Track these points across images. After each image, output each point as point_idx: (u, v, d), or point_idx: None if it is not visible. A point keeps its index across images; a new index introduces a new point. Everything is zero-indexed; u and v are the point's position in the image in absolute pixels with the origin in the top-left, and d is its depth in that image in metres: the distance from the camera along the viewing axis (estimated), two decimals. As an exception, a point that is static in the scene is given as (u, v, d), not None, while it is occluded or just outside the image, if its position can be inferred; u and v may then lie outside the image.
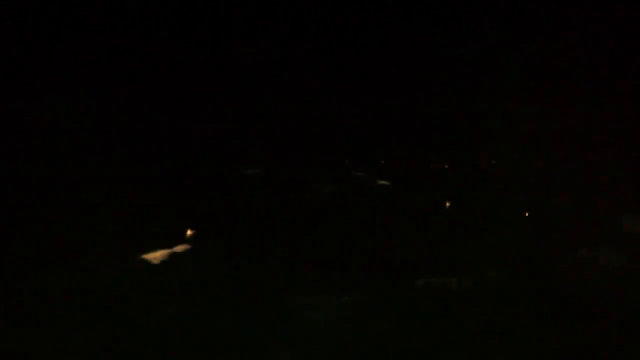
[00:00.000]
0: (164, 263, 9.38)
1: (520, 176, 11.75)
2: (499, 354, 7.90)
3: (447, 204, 11.11)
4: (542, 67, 12.63)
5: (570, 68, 12.58)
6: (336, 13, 13.30)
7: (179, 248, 9.63)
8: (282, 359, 7.50)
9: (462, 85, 12.61)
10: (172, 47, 12.66)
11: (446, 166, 12.02)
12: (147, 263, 9.38)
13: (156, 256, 9.35)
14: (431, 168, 12.16)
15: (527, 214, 10.91)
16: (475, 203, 11.20)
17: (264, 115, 12.53)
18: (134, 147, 11.80)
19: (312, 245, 9.94)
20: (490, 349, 7.93)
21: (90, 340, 7.44)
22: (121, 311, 8.12)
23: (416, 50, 12.77)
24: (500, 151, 12.04)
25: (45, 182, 10.89)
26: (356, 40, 13.25)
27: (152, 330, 7.83)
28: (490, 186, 11.63)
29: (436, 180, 11.76)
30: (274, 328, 8.03)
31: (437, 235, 10.33)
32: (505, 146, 12.06)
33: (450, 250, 9.95)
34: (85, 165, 11.28)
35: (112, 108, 12.22)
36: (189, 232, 10.11)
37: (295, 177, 11.61)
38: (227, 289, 8.89)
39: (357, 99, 12.78)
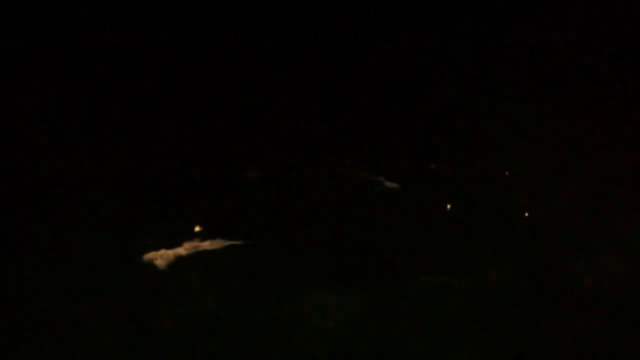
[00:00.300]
0: (169, 263, 9.23)
1: (521, 178, 11.73)
2: (499, 353, 7.90)
3: (448, 206, 11.09)
4: (545, 68, 12.61)
5: (573, 69, 12.56)
6: (336, 13, 13.30)
7: (185, 248, 9.42)
8: (286, 357, 7.49)
9: (463, 87, 12.58)
10: (172, 47, 12.64)
11: (447, 167, 11.98)
12: (153, 262, 9.27)
13: (161, 255, 9.17)
14: (432, 169, 12.12)
15: (526, 214, 10.90)
16: (477, 204, 11.17)
17: (264, 115, 12.49)
18: (138, 147, 11.72)
19: (315, 245, 9.89)
20: (490, 348, 7.93)
21: (95, 340, 7.39)
22: (127, 310, 8.03)
23: (418, 50, 12.75)
24: (501, 153, 12.02)
25: (51, 183, 10.78)
26: (356, 40, 13.24)
27: (157, 330, 7.78)
28: (491, 188, 11.61)
29: (437, 181, 11.73)
30: (277, 326, 7.98)
31: (438, 235, 10.30)
32: (506, 148, 12.04)
33: (451, 250, 9.93)
34: (89, 165, 11.19)
35: (113, 108, 12.19)
36: (197, 228, 9.95)
37: (296, 177, 11.56)
38: (231, 287, 8.81)
39: (357, 100, 12.75)
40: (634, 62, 12.71)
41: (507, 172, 11.91)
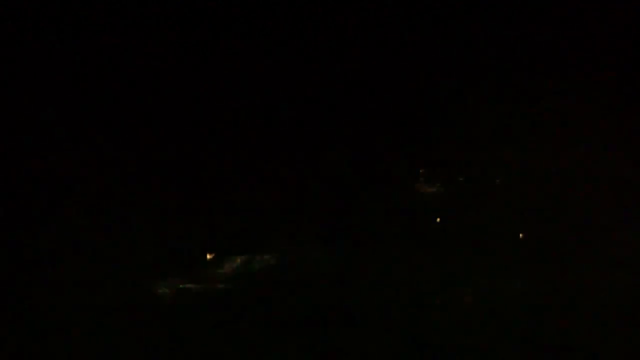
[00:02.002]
0: (176, 295, 8.72)
1: (515, 186, 11.70)
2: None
3: (438, 220, 11.00)
4: (540, 74, 12.57)
5: (571, 74, 12.53)
6: (337, 14, 13.27)
7: (194, 278, 8.76)
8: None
9: (463, 96, 12.54)
10: (179, 50, 12.59)
11: (439, 184, 11.85)
12: (158, 295, 8.80)
13: (169, 287, 8.54)
14: (420, 177, 12.02)
15: (521, 235, 10.89)
16: (469, 215, 11.11)
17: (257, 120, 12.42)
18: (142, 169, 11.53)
19: (321, 265, 9.78)
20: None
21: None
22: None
23: (419, 53, 12.73)
24: (492, 161, 11.97)
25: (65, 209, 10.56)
26: (357, 41, 13.22)
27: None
28: (482, 198, 11.55)
29: (427, 191, 11.67)
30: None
31: (431, 249, 10.22)
32: (497, 156, 12.00)
33: (446, 265, 9.90)
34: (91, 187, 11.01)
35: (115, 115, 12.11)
36: (209, 256, 9.31)
37: (294, 187, 11.46)
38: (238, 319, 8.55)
39: (352, 104, 12.72)
40: (633, 65, 12.71)
41: (497, 180, 11.85)
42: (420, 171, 11.87)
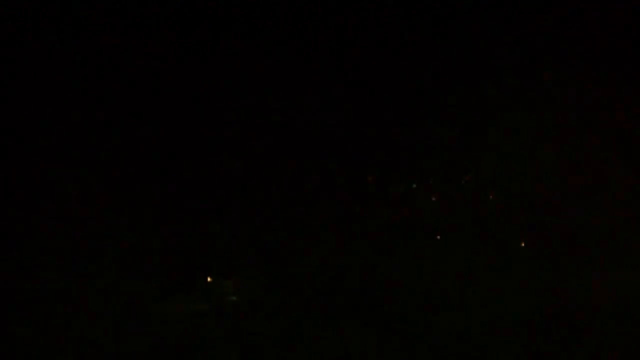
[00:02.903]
0: (180, 319, 8.67)
1: (507, 200, 11.66)
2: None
3: (438, 237, 10.98)
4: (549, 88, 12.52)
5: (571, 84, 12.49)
6: (338, 14, 13.25)
7: (198, 300, 8.76)
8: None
9: (461, 102, 12.49)
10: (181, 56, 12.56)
11: (439, 189, 11.79)
12: (163, 319, 8.77)
13: (173, 311, 8.52)
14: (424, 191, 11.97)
15: (523, 244, 10.87)
16: (465, 230, 11.06)
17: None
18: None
19: (315, 283, 9.67)
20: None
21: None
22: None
23: (417, 60, 12.70)
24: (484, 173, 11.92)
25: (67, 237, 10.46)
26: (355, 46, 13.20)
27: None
28: (476, 211, 11.50)
29: (424, 206, 11.62)
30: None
31: (432, 266, 10.18)
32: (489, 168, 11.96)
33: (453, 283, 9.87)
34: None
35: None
36: (209, 279, 9.38)
37: (293, 198, 11.38)
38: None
39: (347, 112, 12.68)
40: (633, 65, 12.68)
41: (490, 196, 11.79)
42: (421, 178, 11.87)
